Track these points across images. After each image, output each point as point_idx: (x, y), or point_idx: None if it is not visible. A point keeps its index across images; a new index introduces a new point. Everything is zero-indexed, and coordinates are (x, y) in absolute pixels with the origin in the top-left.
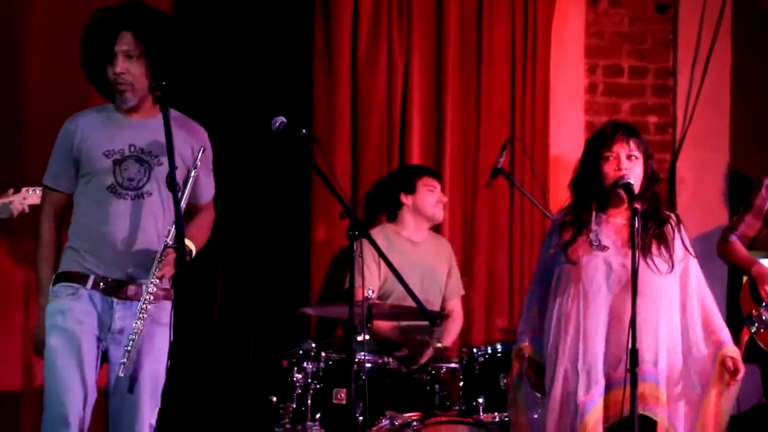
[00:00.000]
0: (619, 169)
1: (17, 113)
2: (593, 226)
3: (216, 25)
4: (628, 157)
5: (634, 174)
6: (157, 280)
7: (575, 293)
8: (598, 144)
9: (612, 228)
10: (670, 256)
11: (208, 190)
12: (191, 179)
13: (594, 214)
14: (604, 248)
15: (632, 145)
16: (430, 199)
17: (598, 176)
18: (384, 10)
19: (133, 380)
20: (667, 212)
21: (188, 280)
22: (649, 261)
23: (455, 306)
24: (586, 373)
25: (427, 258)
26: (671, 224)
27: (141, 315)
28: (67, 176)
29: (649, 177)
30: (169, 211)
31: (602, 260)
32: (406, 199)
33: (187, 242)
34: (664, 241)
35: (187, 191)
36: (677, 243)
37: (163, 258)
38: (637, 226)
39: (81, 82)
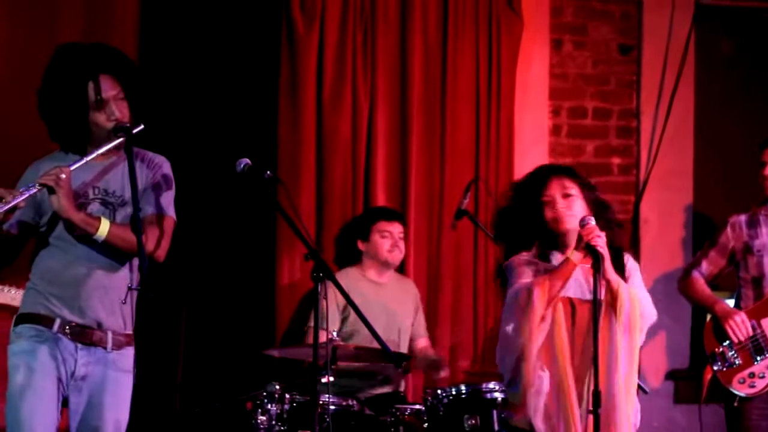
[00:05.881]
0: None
1: None
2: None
3: (182, 66)
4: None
5: (576, 211)
6: None
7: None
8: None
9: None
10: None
11: (148, 206)
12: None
13: (555, 255)
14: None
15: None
16: (383, 245)
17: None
18: (349, 51)
19: (95, 429)
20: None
21: (152, 323)
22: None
23: (426, 344)
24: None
25: (389, 300)
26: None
27: None
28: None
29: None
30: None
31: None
32: (362, 246)
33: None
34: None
35: None
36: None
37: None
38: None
39: None
